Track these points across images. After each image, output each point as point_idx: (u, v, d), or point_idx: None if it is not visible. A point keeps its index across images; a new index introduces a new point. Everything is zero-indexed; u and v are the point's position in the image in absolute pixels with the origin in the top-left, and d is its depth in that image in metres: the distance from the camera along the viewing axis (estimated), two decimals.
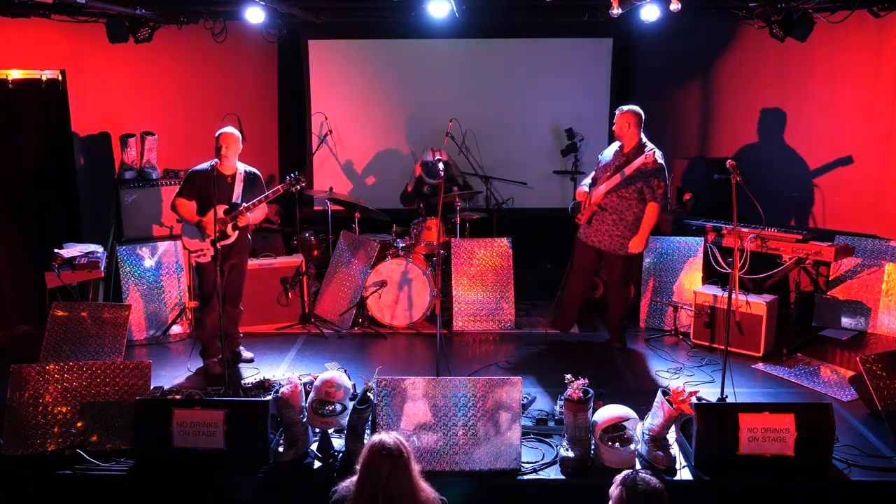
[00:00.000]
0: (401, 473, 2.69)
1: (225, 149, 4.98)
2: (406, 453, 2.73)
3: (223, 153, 4.98)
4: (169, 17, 6.47)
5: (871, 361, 4.16)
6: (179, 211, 5.11)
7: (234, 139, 5.03)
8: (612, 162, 5.39)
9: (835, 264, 5.89)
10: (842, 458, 3.83)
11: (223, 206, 5.06)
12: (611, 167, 5.36)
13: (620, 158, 5.35)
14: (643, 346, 5.75)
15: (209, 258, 5.09)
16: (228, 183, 5.10)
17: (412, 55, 7.81)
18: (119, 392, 4.04)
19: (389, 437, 2.75)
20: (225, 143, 4.98)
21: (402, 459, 2.70)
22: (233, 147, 5.03)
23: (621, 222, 5.37)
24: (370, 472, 2.68)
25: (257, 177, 5.26)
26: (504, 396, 3.78)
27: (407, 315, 6.12)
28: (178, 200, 5.11)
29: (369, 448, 2.73)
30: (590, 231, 5.48)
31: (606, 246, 5.44)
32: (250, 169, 5.23)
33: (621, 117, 5.31)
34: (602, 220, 5.41)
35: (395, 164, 7.77)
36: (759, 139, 6.89)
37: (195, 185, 5.04)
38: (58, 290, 5.63)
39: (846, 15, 5.78)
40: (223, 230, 5.04)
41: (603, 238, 5.43)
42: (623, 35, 7.62)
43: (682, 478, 3.71)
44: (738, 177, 4.43)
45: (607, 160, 5.43)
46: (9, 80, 5.97)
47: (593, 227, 5.46)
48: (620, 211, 5.35)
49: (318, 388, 3.92)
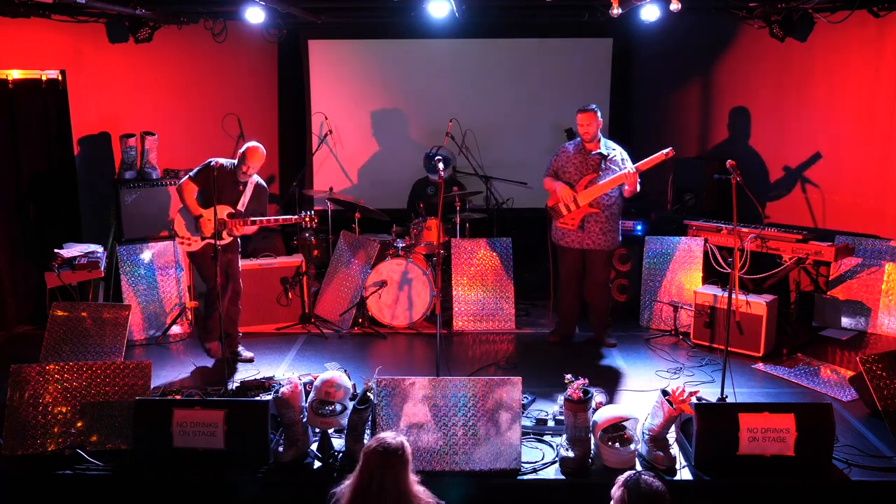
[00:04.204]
0: (398, 474, 2.70)
1: (249, 167, 5.07)
2: (406, 455, 2.75)
3: (245, 169, 5.07)
4: (169, 17, 6.47)
5: (871, 361, 4.16)
6: (186, 196, 5.16)
7: (259, 158, 5.09)
8: (584, 163, 5.36)
9: (835, 264, 5.89)
10: (842, 458, 3.83)
11: (227, 208, 5.10)
12: (587, 168, 5.34)
13: (595, 157, 5.33)
14: (643, 346, 5.75)
15: (193, 249, 5.22)
16: (240, 190, 5.17)
17: (412, 55, 7.81)
18: (119, 392, 4.04)
19: (393, 437, 2.77)
20: (251, 160, 5.06)
21: (401, 460, 2.72)
22: (257, 166, 5.11)
23: (612, 218, 5.39)
24: (369, 467, 2.70)
25: (265, 189, 5.35)
26: (504, 396, 3.78)
27: (407, 315, 6.12)
28: (188, 184, 5.14)
29: (373, 445, 2.75)
30: (583, 235, 5.42)
31: (600, 245, 5.41)
32: (262, 181, 5.32)
33: (591, 116, 5.28)
34: (596, 221, 5.38)
35: (395, 164, 7.76)
36: (759, 139, 6.89)
37: (209, 178, 4.96)
38: (58, 290, 5.63)
39: (846, 15, 5.78)
40: (219, 230, 5.04)
41: (597, 239, 5.41)
42: (623, 35, 7.62)
43: (682, 478, 3.71)
44: (738, 177, 4.44)
45: (577, 162, 5.38)
46: (9, 80, 5.97)
47: (587, 231, 5.41)
48: (609, 206, 5.36)
49: (318, 388, 3.92)
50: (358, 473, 2.74)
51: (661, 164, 5.27)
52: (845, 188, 6.35)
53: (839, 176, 6.38)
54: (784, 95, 6.68)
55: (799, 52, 6.38)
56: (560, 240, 5.55)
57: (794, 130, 6.65)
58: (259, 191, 5.28)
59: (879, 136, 6.10)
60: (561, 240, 5.54)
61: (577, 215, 5.38)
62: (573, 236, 5.45)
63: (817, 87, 6.48)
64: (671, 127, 7.65)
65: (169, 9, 6.33)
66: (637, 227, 6.55)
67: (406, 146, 7.75)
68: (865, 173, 6.22)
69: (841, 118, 6.34)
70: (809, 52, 6.35)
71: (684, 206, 6.78)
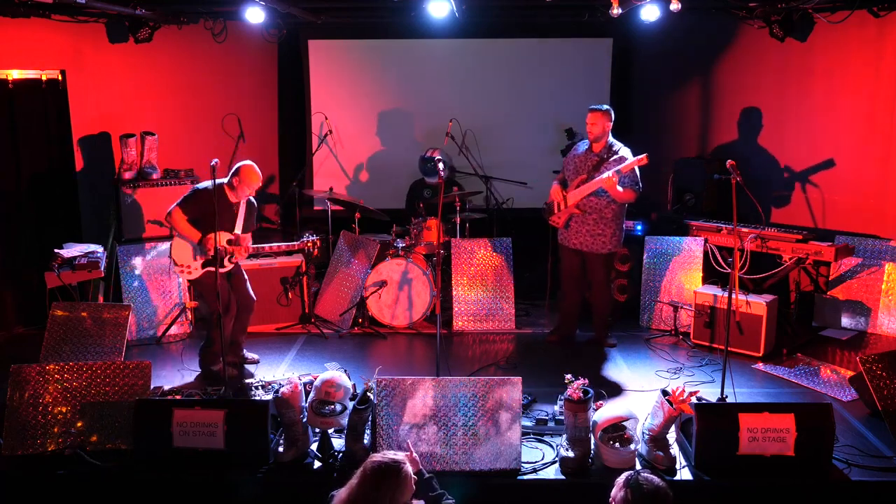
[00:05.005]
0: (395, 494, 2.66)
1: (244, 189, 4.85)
2: (404, 476, 2.69)
3: (240, 190, 4.84)
4: (169, 17, 6.47)
5: (871, 361, 4.16)
6: (178, 225, 4.87)
7: (256, 179, 4.86)
8: (583, 163, 5.38)
9: (835, 264, 5.89)
10: (842, 458, 3.84)
11: (226, 234, 4.93)
12: (584, 168, 5.35)
13: (593, 159, 5.34)
14: (643, 346, 5.75)
15: (193, 277, 4.96)
16: (234, 212, 4.98)
17: (412, 55, 7.81)
18: (119, 392, 4.04)
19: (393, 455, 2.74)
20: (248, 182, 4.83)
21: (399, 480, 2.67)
22: (253, 188, 4.89)
23: (602, 220, 5.37)
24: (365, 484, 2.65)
25: (255, 206, 5.16)
26: (504, 396, 3.78)
27: (407, 315, 6.12)
28: (178, 213, 4.86)
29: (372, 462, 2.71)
30: (569, 234, 5.47)
31: (589, 247, 5.43)
32: (252, 198, 5.09)
33: (598, 116, 5.27)
34: (583, 222, 5.39)
35: (395, 164, 7.77)
36: (759, 139, 6.88)
37: (199, 205, 4.81)
38: (58, 290, 5.62)
39: (846, 15, 5.78)
40: (222, 259, 4.94)
41: (585, 239, 5.42)
42: (623, 35, 7.62)
43: (682, 478, 3.71)
44: (738, 177, 4.44)
45: (577, 162, 5.41)
46: (9, 80, 5.97)
47: (572, 230, 5.45)
48: (600, 210, 5.35)
49: (318, 388, 3.92)
50: (355, 487, 2.68)
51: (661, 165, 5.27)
52: (845, 188, 6.35)
53: (839, 176, 6.38)
54: (784, 95, 6.68)
55: (799, 52, 6.38)
56: (559, 238, 5.62)
57: (794, 130, 6.64)
58: (251, 209, 5.08)
59: (879, 136, 6.10)
60: (559, 238, 5.62)
61: (563, 214, 5.45)
62: (561, 234, 5.56)
63: (817, 87, 6.47)
64: (671, 127, 7.65)
65: (169, 9, 6.33)
66: (637, 227, 6.56)
67: (406, 146, 7.75)
68: (865, 173, 6.22)
69: (841, 118, 6.34)
70: (809, 52, 6.34)
71: (684, 206, 6.77)
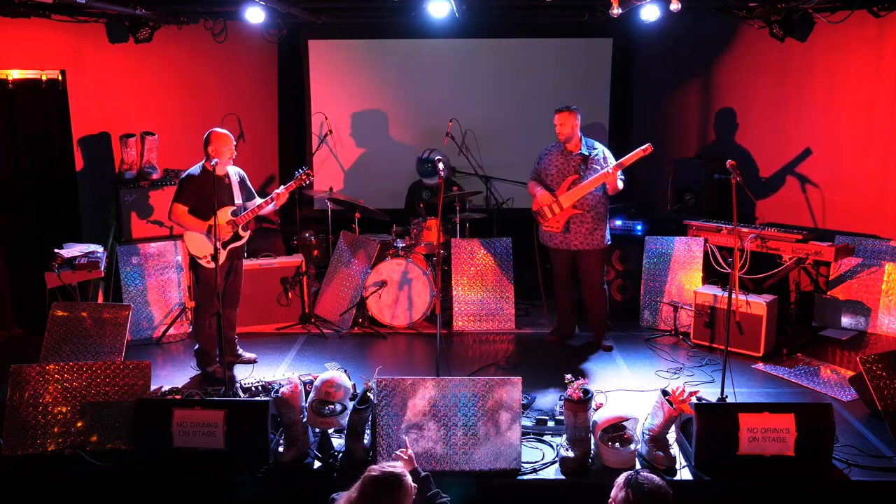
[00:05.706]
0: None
1: (218, 149, 4.89)
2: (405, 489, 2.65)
3: (216, 154, 4.87)
4: (169, 17, 6.46)
5: (871, 361, 4.16)
6: (181, 220, 4.96)
7: (227, 140, 4.95)
8: (566, 164, 5.36)
9: (835, 264, 5.89)
10: (842, 458, 3.84)
11: (229, 208, 5.03)
12: (569, 169, 5.34)
13: (576, 158, 5.34)
14: (643, 345, 5.75)
15: (222, 260, 5.01)
16: (226, 184, 5.07)
17: (412, 55, 7.81)
18: (119, 392, 4.04)
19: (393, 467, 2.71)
20: (218, 143, 4.90)
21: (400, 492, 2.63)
22: (228, 146, 4.95)
23: (598, 217, 5.38)
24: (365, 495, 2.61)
25: (243, 174, 5.25)
26: (504, 396, 3.78)
27: (407, 315, 6.12)
28: (178, 207, 4.95)
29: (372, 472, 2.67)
30: (570, 237, 5.42)
31: (588, 245, 5.41)
32: (235, 168, 5.18)
33: (565, 116, 5.29)
34: (582, 222, 5.38)
35: (395, 164, 7.77)
36: (759, 139, 6.88)
37: (193, 189, 4.93)
38: (58, 290, 5.62)
39: (846, 15, 5.78)
40: (236, 232, 5.03)
41: (585, 239, 5.41)
42: (623, 35, 7.62)
43: (682, 478, 3.71)
44: (738, 177, 4.44)
45: (559, 164, 5.38)
46: (9, 80, 5.97)
47: (572, 232, 5.41)
48: (594, 206, 5.36)
49: (318, 388, 3.93)
50: (355, 499, 2.64)
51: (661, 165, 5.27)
52: (845, 188, 6.35)
53: (839, 176, 6.38)
54: (784, 95, 6.68)
55: (799, 52, 6.37)
56: (547, 242, 5.57)
57: (794, 130, 6.64)
58: (243, 179, 5.20)
59: (879, 136, 6.10)
60: (548, 242, 5.56)
61: (562, 217, 5.39)
62: (559, 238, 5.47)
63: (817, 87, 6.47)
64: (671, 127, 7.65)
65: (169, 9, 6.32)
66: (637, 227, 6.55)
67: (406, 146, 7.75)
68: (865, 173, 6.22)
69: (841, 118, 6.34)
70: (809, 52, 6.34)
71: (684, 206, 6.77)
